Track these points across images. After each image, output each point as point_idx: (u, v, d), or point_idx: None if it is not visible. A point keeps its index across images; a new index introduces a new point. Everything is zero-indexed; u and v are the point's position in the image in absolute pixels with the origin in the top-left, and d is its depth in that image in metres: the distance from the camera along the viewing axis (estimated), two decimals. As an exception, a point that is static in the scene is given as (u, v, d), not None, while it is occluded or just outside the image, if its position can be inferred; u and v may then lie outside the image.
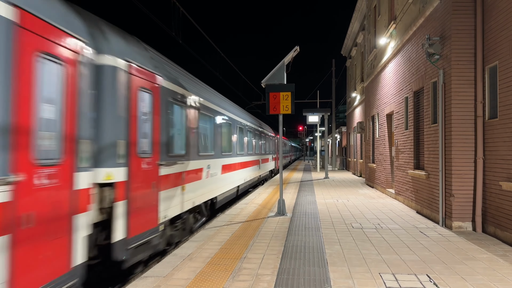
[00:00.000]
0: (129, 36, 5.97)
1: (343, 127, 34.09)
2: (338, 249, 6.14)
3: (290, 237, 6.93)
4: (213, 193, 9.96)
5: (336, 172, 27.29)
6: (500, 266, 5.25)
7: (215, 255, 5.77)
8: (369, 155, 17.54)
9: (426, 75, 9.27)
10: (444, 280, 4.67)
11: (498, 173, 6.93)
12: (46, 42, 3.64)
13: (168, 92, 6.71)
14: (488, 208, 7.33)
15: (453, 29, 7.82)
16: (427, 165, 9.14)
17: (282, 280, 4.67)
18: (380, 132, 14.93)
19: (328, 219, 8.80)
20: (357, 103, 24.15)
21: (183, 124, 7.66)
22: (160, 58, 7.13)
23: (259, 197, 12.69)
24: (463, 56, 7.77)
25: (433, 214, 8.69)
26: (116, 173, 4.99)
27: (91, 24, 4.98)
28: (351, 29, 25.27)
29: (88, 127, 4.37)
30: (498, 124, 6.96)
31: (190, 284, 4.54)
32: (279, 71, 9.46)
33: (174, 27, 10.55)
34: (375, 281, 4.61)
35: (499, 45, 6.93)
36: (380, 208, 10.53)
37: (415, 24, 9.99)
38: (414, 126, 10.49)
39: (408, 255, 5.79)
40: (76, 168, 4.08)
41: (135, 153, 5.44)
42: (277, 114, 9.46)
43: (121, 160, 5.10)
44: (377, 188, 15.36)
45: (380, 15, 15.10)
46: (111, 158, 4.95)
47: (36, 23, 3.50)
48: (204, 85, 10.48)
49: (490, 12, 7.28)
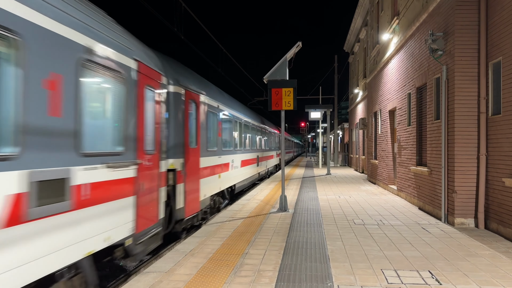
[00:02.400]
0: (185, 69, 8.54)
1: (346, 123, 34.03)
2: (340, 245, 6.14)
3: (292, 233, 6.93)
4: (234, 181, 12.72)
5: (338, 169, 27.27)
6: (503, 263, 5.24)
7: (217, 251, 5.78)
8: (371, 151, 17.51)
9: (429, 71, 9.22)
10: (446, 277, 4.66)
11: (501, 169, 6.91)
12: (148, 79, 5.83)
13: (205, 104, 9.12)
14: (490, 204, 7.30)
15: (456, 24, 7.77)
16: (430, 161, 9.12)
17: (284, 276, 4.67)
18: (382, 128, 14.89)
19: (330, 215, 8.80)
20: (360, 99, 24.08)
21: (215, 127, 10.11)
22: (201, 81, 9.50)
23: (261, 193, 12.70)
24: (466, 52, 7.73)
25: (436, 211, 8.67)
26: (176, 163, 7.23)
27: (164, 62, 7.24)
28: (353, 25, 25.16)
29: (164, 132, 6.69)
30: (502, 120, 6.92)
31: (192, 279, 4.55)
32: (281, 66, 9.43)
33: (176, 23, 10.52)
34: (377, 277, 4.61)
35: (502, 41, 6.88)
36: (382, 204, 10.52)
37: (418, 20, 9.93)
38: (416, 122, 10.45)
39: (410, 251, 5.79)
40: (160, 158, 6.28)
41: (188, 148, 7.71)
42: (279, 110, 9.45)
43: (180, 154, 7.37)
44: (379, 184, 15.34)
45: (383, 11, 15.02)
46: (174, 152, 7.20)
47: (145, 68, 5.70)
48: (228, 95, 13.13)
49: (494, 8, 7.22)
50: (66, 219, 3.71)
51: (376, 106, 16.09)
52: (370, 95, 17.79)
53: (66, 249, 3.71)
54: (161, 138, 6.39)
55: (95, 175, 4.24)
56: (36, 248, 3.30)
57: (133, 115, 5.23)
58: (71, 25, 3.85)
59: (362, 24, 22.77)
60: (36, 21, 3.33)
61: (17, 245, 3.11)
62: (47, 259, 3.44)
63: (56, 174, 3.57)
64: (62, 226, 3.64)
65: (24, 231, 3.16)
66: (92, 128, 4.29)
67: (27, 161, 3.20)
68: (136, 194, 5.28)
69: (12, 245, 3.05)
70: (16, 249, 3.09)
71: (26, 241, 3.19)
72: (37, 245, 3.31)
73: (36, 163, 3.30)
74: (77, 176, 3.90)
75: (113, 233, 4.67)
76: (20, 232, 3.11)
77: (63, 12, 3.74)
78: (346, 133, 33.80)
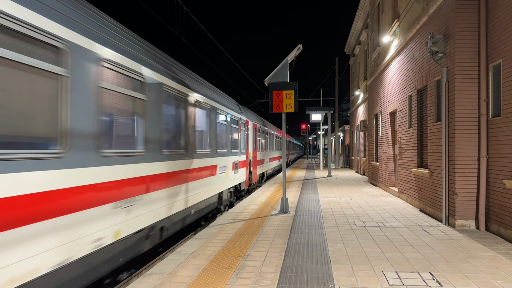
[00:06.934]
0: (251, 112, 17.32)
1: (347, 125, 34.04)
2: (341, 247, 6.16)
3: (293, 235, 6.95)
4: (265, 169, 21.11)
5: (339, 171, 27.27)
6: (503, 264, 5.25)
7: (219, 253, 5.80)
8: (372, 153, 17.52)
9: (430, 73, 9.25)
10: (447, 278, 4.68)
11: (502, 171, 6.92)
12: (247, 124, 15.24)
13: (256, 126, 17.22)
14: (491, 206, 7.32)
15: (456, 27, 7.80)
16: (431, 163, 9.13)
17: (285, 277, 4.69)
18: (383, 130, 14.91)
19: (331, 217, 8.81)
20: (361, 101, 24.10)
21: (261, 138, 18.88)
22: (252, 113, 17.65)
23: (262, 195, 12.72)
24: (466, 54, 7.75)
25: (437, 212, 8.69)
26: (239, 157, 13.43)
27: (247, 112, 16.08)
28: (354, 27, 25.20)
29: (240, 143, 13.58)
30: (502, 122, 6.94)
31: (193, 281, 4.57)
32: (282, 69, 9.46)
33: (177, 26, 10.57)
34: (378, 279, 4.63)
35: (503, 43, 6.90)
36: (383, 206, 10.53)
37: (419, 22, 9.96)
38: (417, 124, 10.47)
39: (411, 253, 5.80)
40: (242, 153, 13.66)
41: (247, 149, 14.96)
42: (280, 113, 9.48)
43: (243, 153, 14.07)
44: (380, 186, 15.35)
45: (384, 13, 15.06)
46: (239, 152, 13.52)
47: (247, 121, 15.11)
48: (266, 121, 22.94)
49: (494, 10, 7.25)
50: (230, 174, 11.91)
51: (377, 108, 16.11)
52: (371, 97, 17.81)
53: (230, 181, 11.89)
54: (240, 145, 13.62)
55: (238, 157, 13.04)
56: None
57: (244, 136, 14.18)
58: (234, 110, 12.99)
59: (362, 27, 22.81)
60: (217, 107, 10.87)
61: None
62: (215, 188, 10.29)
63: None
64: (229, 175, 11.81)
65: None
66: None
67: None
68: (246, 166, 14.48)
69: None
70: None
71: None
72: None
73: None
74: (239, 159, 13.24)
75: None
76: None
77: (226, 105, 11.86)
78: (347, 135, 33.80)
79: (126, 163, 5.11)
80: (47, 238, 3.60)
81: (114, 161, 4.81)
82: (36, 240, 3.47)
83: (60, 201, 3.80)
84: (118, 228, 4.86)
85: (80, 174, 4.11)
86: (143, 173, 5.57)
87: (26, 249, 3.36)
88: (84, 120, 4.24)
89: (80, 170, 4.10)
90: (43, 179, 3.56)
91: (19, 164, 3.29)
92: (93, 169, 4.34)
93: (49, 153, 3.67)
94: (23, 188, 3.33)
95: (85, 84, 4.28)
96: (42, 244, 3.54)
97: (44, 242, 3.56)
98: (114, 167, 4.78)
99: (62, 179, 3.81)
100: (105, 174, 4.58)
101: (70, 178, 3.93)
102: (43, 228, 3.55)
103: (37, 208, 3.48)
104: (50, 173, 3.65)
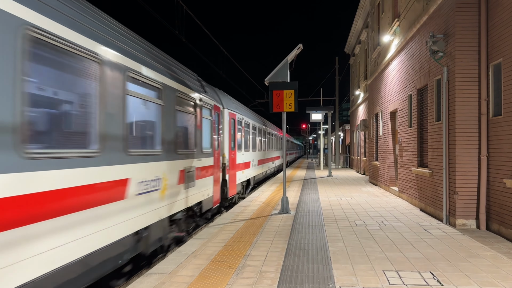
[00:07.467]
0: (228, 97, 12.74)
1: (347, 125, 34.03)
2: (342, 246, 6.16)
3: (293, 235, 6.95)
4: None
5: (339, 170, 27.26)
6: (504, 264, 5.25)
7: (219, 253, 5.80)
8: (372, 153, 17.52)
9: (430, 73, 9.24)
10: (448, 278, 4.68)
11: (502, 170, 6.92)
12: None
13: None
14: (492, 205, 7.31)
15: (457, 26, 7.80)
16: (431, 163, 9.13)
17: (286, 277, 4.69)
18: (383, 129, 14.90)
19: (332, 216, 8.81)
20: (361, 101, 24.09)
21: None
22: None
23: (263, 195, 12.72)
24: (467, 54, 7.75)
25: (437, 212, 8.68)
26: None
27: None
28: (354, 27, 25.19)
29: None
30: (503, 122, 6.94)
31: (194, 281, 4.57)
32: (282, 69, 9.46)
33: (177, 25, 10.57)
34: (378, 278, 4.63)
35: (503, 42, 6.90)
36: (383, 206, 10.53)
37: (419, 22, 9.96)
38: (418, 123, 10.47)
39: (411, 252, 5.80)
40: (205, 154, 9.11)
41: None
42: (280, 112, 9.48)
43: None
44: (381, 186, 15.34)
45: (384, 13, 15.05)
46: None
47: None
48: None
49: (494, 9, 7.25)
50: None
51: (377, 108, 16.10)
52: (371, 97, 17.81)
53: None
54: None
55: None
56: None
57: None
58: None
59: (363, 26, 22.80)
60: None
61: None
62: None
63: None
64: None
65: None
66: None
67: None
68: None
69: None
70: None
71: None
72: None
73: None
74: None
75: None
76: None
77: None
78: (348, 134, 33.80)
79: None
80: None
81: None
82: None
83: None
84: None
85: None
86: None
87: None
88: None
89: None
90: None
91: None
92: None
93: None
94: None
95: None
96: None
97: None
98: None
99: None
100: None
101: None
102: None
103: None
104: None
